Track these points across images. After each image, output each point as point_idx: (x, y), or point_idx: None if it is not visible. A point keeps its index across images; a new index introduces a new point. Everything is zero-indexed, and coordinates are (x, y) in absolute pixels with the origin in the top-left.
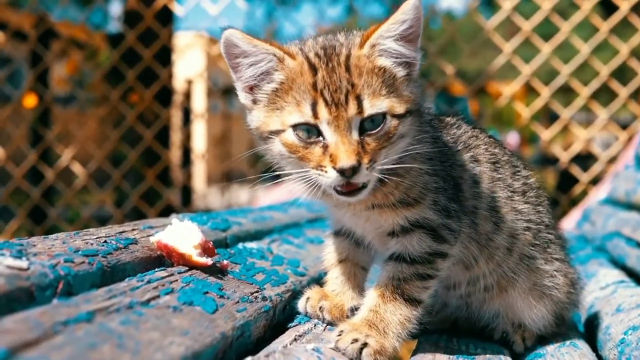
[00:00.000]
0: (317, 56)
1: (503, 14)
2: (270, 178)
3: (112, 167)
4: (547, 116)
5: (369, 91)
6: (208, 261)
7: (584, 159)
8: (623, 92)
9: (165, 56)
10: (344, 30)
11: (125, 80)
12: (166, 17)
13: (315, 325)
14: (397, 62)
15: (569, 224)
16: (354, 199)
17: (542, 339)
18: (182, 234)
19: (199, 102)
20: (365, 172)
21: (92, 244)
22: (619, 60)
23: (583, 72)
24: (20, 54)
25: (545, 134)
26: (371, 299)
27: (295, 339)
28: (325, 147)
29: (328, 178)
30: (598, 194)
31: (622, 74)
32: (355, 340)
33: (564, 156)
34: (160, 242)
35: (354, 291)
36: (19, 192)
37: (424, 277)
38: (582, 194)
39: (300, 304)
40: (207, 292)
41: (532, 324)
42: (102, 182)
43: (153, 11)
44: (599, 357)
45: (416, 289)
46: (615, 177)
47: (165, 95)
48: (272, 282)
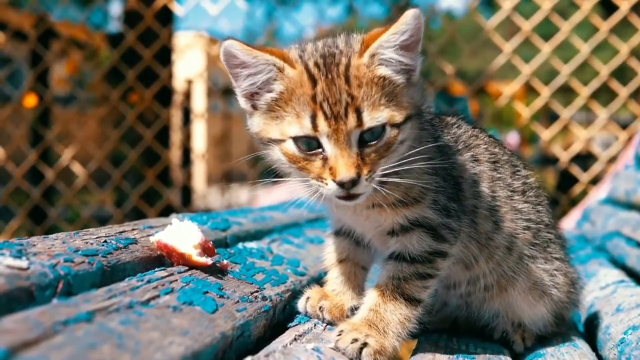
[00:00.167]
0: (317, 66)
1: (503, 14)
2: (270, 178)
3: (112, 167)
4: (547, 116)
5: (368, 102)
6: (208, 261)
7: (584, 158)
8: (623, 91)
9: (165, 56)
10: (344, 33)
11: (125, 80)
12: (166, 17)
13: (315, 325)
14: (396, 70)
15: (569, 223)
16: (352, 203)
17: (542, 339)
18: (182, 234)
19: (199, 102)
20: (364, 183)
21: (92, 243)
22: (619, 60)
23: (583, 72)
24: (20, 54)
25: (545, 133)
26: (371, 298)
27: (295, 339)
28: (325, 159)
29: (328, 190)
30: (598, 193)
31: (622, 73)
32: (355, 340)
33: (564, 156)
34: (160, 242)
35: (354, 291)
36: (19, 192)
37: (424, 277)
38: (582, 194)
39: (300, 304)
40: (207, 292)
41: (532, 323)
42: (102, 182)
43: (153, 11)
44: (599, 357)
45: (416, 288)
46: (615, 177)
47: (165, 95)
48: (272, 281)
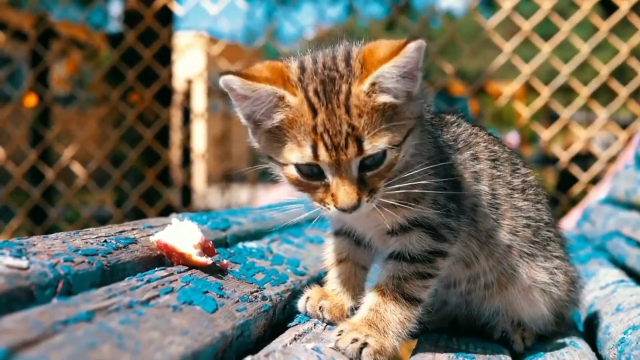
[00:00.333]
0: (317, 94)
1: (503, 14)
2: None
3: (112, 167)
4: (547, 116)
5: (368, 131)
6: (208, 261)
7: (583, 158)
8: (623, 91)
9: (165, 56)
10: (344, 44)
11: (125, 80)
12: (166, 17)
13: (315, 325)
14: (397, 96)
15: (569, 223)
16: (353, 215)
17: (541, 339)
18: (181, 234)
19: (199, 102)
20: (365, 205)
21: (91, 243)
22: (619, 60)
23: (583, 71)
24: (20, 54)
25: (545, 133)
26: (371, 298)
27: (295, 339)
28: (327, 185)
29: (331, 213)
30: (598, 193)
31: (622, 73)
32: (355, 340)
33: (564, 156)
34: (160, 242)
35: (354, 291)
36: (19, 192)
37: (424, 276)
38: (582, 194)
39: (300, 304)
40: (206, 292)
41: (531, 321)
42: (102, 182)
43: (153, 11)
44: (599, 357)
45: (416, 288)
46: (615, 177)
47: (165, 95)
48: (272, 281)
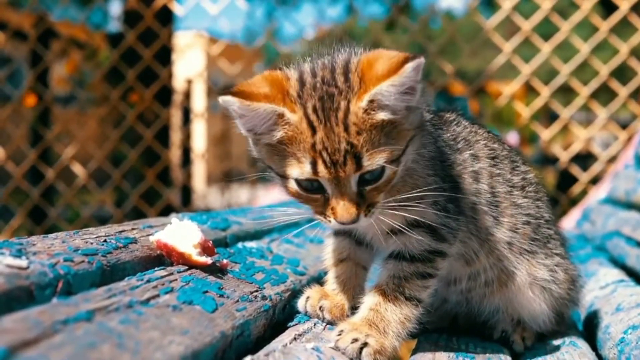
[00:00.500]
0: (315, 112)
1: (503, 14)
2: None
3: (112, 167)
4: (547, 116)
5: (367, 147)
6: (208, 260)
7: (583, 158)
8: (623, 91)
9: (165, 56)
10: (343, 52)
11: (125, 80)
12: (166, 17)
13: (315, 325)
14: (395, 111)
15: (569, 223)
16: (353, 226)
17: (541, 338)
18: (181, 234)
19: (199, 102)
20: (364, 219)
21: (91, 243)
22: (619, 60)
23: (583, 71)
24: (20, 54)
25: (545, 133)
26: (372, 297)
27: (295, 338)
28: (327, 199)
29: (331, 225)
30: (598, 193)
31: (622, 73)
32: (355, 340)
33: (564, 156)
34: (159, 242)
35: (355, 290)
36: (18, 192)
37: (424, 276)
38: (582, 194)
39: (300, 303)
40: (206, 291)
41: (531, 319)
42: (102, 182)
43: (153, 11)
44: (599, 357)
45: (416, 287)
46: (615, 177)
47: (165, 95)
48: (272, 281)
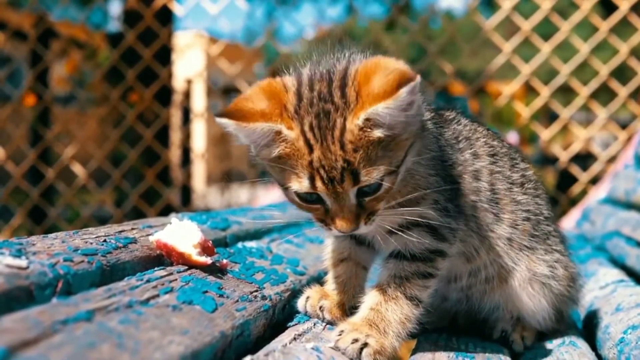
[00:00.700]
0: (312, 130)
1: (503, 14)
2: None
3: (112, 167)
4: (547, 116)
5: (364, 163)
6: (207, 260)
7: (583, 158)
8: (622, 91)
9: (165, 56)
10: (342, 49)
11: (125, 79)
12: (166, 17)
13: (314, 325)
14: (393, 127)
15: (569, 223)
16: (354, 233)
17: (541, 338)
18: (181, 233)
19: (199, 102)
20: (364, 228)
21: (91, 243)
22: (619, 60)
23: (583, 71)
24: (20, 54)
25: (544, 133)
26: (372, 297)
27: (294, 338)
28: (327, 209)
29: (331, 233)
30: (598, 193)
31: (622, 73)
32: (356, 340)
33: (564, 156)
34: (159, 241)
35: (355, 290)
36: (18, 192)
37: (425, 276)
38: (582, 194)
39: (300, 303)
40: (206, 291)
41: (530, 316)
42: (102, 182)
43: (153, 11)
44: (598, 356)
45: (417, 287)
46: (614, 177)
47: (165, 95)
48: (272, 281)
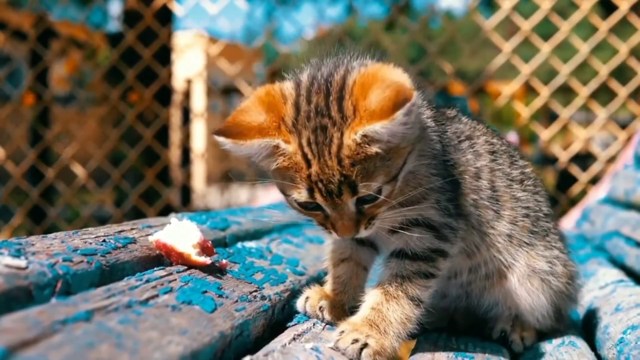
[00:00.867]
0: (309, 145)
1: (502, 14)
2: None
3: (112, 167)
4: (547, 116)
5: (362, 176)
6: (207, 260)
7: (583, 158)
8: (622, 91)
9: (164, 56)
10: (342, 54)
11: (125, 79)
12: (166, 17)
13: (314, 325)
14: (390, 141)
15: (569, 223)
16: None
17: (540, 338)
18: (180, 233)
19: (199, 102)
20: (364, 232)
21: (90, 243)
22: (619, 60)
23: (582, 71)
24: (20, 54)
25: (544, 133)
26: (374, 296)
27: (294, 338)
28: (327, 216)
29: (332, 237)
30: (597, 193)
31: (622, 73)
32: (356, 341)
33: (564, 156)
34: (159, 242)
35: (355, 291)
36: (18, 192)
37: (427, 276)
38: (582, 194)
39: (300, 304)
40: (205, 292)
41: (530, 312)
42: (102, 182)
43: (152, 10)
44: (598, 357)
45: (418, 287)
46: (614, 177)
47: (164, 95)
48: (271, 281)
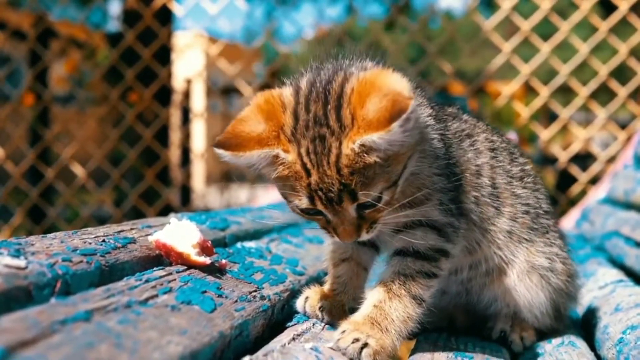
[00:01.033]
0: (308, 154)
1: (502, 14)
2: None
3: (112, 167)
4: (547, 116)
5: (361, 183)
6: (206, 260)
7: (583, 158)
8: (622, 91)
9: (164, 55)
10: (341, 56)
11: (125, 79)
12: (165, 17)
13: (313, 325)
14: (389, 149)
15: (568, 223)
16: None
17: (540, 338)
18: (180, 233)
19: (198, 102)
20: (366, 236)
21: (90, 243)
22: (618, 60)
23: (582, 71)
24: (20, 53)
25: (544, 133)
26: (376, 293)
27: (293, 338)
28: (328, 220)
29: (335, 240)
30: (597, 193)
31: (621, 73)
32: (357, 340)
33: (563, 156)
34: (158, 241)
35: (356, 291)
36: (18, 192)
37: (429, 275)
38: (581, 194)
39: (299, 304)
40: (205, 291)
41: (529, 309)
42: (101, 182)
43: (152, 10)
44: (598, 357)
45: (421, 286)
46: (614, 177)
47: (164, 95)
48: (271, 281)
